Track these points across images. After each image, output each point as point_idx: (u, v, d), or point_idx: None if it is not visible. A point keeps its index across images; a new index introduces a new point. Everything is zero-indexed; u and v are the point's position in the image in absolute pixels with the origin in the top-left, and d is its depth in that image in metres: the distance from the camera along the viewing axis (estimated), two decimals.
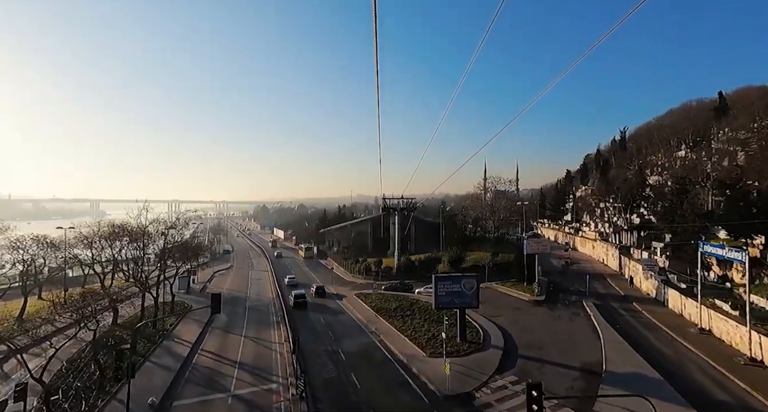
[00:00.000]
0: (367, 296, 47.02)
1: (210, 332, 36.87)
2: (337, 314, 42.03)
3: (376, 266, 61.21)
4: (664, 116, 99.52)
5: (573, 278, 51.40)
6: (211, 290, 58.89)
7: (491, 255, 58.76)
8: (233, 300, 51.11)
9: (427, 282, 53.45)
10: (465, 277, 30.64)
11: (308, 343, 32.92)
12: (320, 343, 32.59)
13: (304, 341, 33.37)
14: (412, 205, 61.11)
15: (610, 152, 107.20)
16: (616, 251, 53.92)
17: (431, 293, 46.87)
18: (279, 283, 62.75)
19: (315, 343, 32.74)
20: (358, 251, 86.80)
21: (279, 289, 57.23)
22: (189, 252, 46.18)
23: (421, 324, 34.78)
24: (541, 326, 32.99)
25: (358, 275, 62.99)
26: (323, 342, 32.74)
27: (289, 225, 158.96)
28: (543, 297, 40.98)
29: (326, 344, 32.30)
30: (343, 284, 58.65)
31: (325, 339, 33.50)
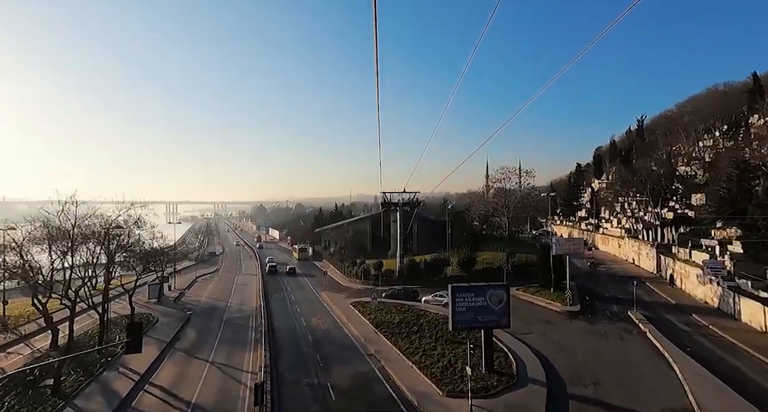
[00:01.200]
0: (365, 305, 39.94)
1: (170, 356, 29.70)
2: (328, 328, 34.96)
3: (376, 268, 54.10)
4: (687, 103, 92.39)
5: (604, 281, 44.34)
6: (188, 298, 51.91)
7: (507, 256, 51.65)
8: (210, 311, 44.04)
9: (435, 288, 46.36)
10: (491, 287, 23.49)
11: (290, 369, 25.88)
12: (304, 371, 25.51)
13: (286, 368, 26.35)
14: (415, 200, 54.03)
15: (627, 143, 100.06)
16: (651, 250, 46.82)
17: (441, 303, 40.03)
18: (266, 287, 55.72)
19: (298, 370, 25.67)
20: (356, 251, 79.94)
21: (265, 294, 50.24)
22: (150, 258, 39.01)
23: (432, 345, 27.67)
24: (586, 349, 25.88)
25: (356, 279, 55.90)
26: (308, 370, 25.65)
27: (286, 225, 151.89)
28: (578, 307, 33.88)
29: (312, 373, 25.21)
30: (339, 290, 51.58)
31: (310, 366, 26.40)
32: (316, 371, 25.54)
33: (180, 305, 46.61)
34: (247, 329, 36.40)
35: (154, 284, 47.66)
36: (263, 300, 46.41)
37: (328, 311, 41.19)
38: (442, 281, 49.01)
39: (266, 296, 50.00)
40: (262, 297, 47.75)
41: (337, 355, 28.39)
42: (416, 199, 54.14)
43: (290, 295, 51.38)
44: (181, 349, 31.17)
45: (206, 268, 78.06)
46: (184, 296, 52.35)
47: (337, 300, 45.80)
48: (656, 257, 45.16)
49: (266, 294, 51.57)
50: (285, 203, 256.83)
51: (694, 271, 35.65)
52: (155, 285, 47.53)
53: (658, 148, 79.83)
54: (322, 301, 46.63)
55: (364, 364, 26.21)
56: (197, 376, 25.39)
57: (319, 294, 50.31)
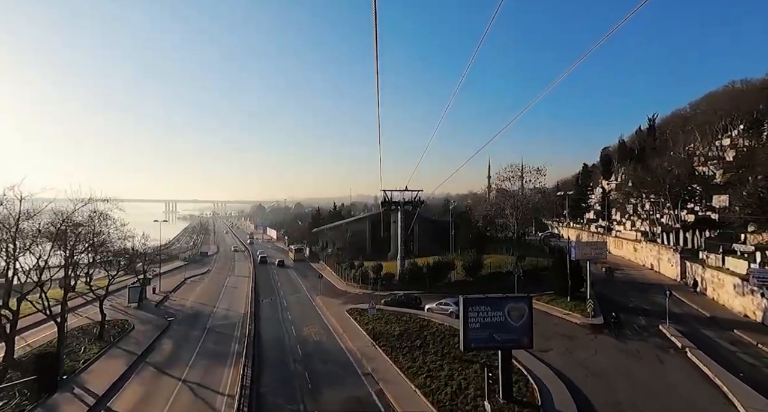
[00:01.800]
0: (362, 313, 36.25)
1: (138, 372, 26.01)
2: (320, 340, 31.28)
3: (375, 272, 50.34)
4: (701, 101, 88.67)
5: (624, 289, 40.60)
6: (173, 301, 48.25)
7: (516, 259, 47.96)
8: (193, 317, 40.38)
9: (439, 294, 42.62)
10: (510, 299, 19.77)
11: (273, 392, 22.24)
12: (290, 394, 21.86)
13: (269, 389, 22.71)
14: (417, 199, 50.34)
15: (637, 143, 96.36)
16: (674, 255, 43.08)
17: (446, 311, 36.32)
18: (257, 290, 52.05)
19: (282, 393, 22.02)
20: (354, 252, 76.26)
21: (255, 298, 46.57)
22: (122, 259, 35.43)
23: (438, 364, 24.00)
24: (619, 372, 22.13)
25: (353, 282, 52.20)
26: (294, 394, 21.98)
27: (284, 225, 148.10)
28: (601, 320, 30.12)
29: (298, 397, 21.54)
30: (334, 295, 47.90)
31: (298, 387, 22.74)
32: (303, 394, 21.86)
33: (162, 310, 42.95)
34: (231, 339, 32.72)
35: (135, 287, 44.00)
36: (252, 305, 42.78)
37: (322, 319, 37.50)
38: (446, 287, 45.43)
39: (256, 301, 46.40)
40: (251, 302, 44.08)
41: (329, 373, 24.72)
42: (418, 198, 50.47)
43: (282, 300, 47.71)
44: (152, 363, 27.47)
45: (197, 269, 74.49)
46: (168, 300, 48.68)
47: (332, 306, 42.13)
48: (680, 263, 41.43)
49: (257, 298, 47.98)
50: (284, 203, 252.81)
51: (730, 279, 31.92)
52: (136, 288, 43.85)
53: (672, 147, 76.18)
54: (316, 307, 42.97)
55: (359, 386, 22.53)
56: (163, 401, 21.69)
57: (313, 299, 46.65)
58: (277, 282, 59.87)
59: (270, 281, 60.88)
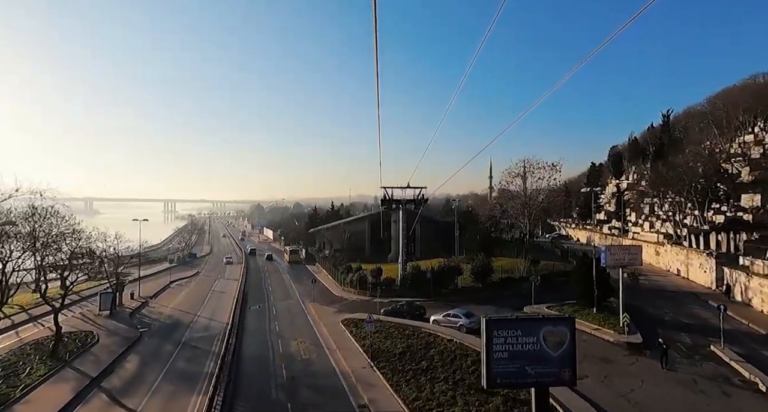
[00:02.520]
0: (359, 325, 31.87)
1: (87, 401, 21.56)
2: (310, 359, 26.88)
3: (374, 276, 45.92)
4: (717, 97, 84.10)
5: (653, 298, 36.13)
6: (151, 309, 43.89)
7: (530, 263, 43.56)
8: (170, 328, 36.02)
9: (445, 303, 38.16)
10: (547, 321, 15.37)
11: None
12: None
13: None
14: (420, 197, 45.93)
15: (650, 140, 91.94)
16: (708, 260, 38.67)
17: (455, 325, 31.75)
18: (246, 296, 47.68)
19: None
20: (353, 254, 71.96)
21: (242, 305, 42.19)
22: (82, 261, 31.16)
23: (449, 395, 19.56)
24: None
25: (350, 288, 47.76)
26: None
27: (281, 224, 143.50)
28: (638, 337, 25.68)
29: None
30: (329, 302, 43.52)
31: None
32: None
33: (137, 319, 38.59)
34: (208, 355, 28.28)
35: (107, 293, 39.60)
36: (237, 314, 38.41)
37: (314, 331, 33.11)
38: (452, 294, 41.08)
39: (243, 309, 42.03)
40: (234, 310, 39.66)
41: (317, 405, 20.35)
42: (422, 196, 46.06)
43: (272, 307, 43.36)
44: (108, 389, 23.03)
45: (185, 271, 70.12)
46: (147, 307, 44.35)
47: (326, 315, 37.75)
48: (716, 269, 37.02)
49: (244, 305, 43.60)
50: (282, 202, 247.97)
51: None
52: (108, 294, 39.45)
53: (690, 144, 71.71)
54: (308, 315, 38.61)
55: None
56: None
57: (305, 306, 42.29)
58: (268, 286, 55.51)
59: (261, 286, 56.58)
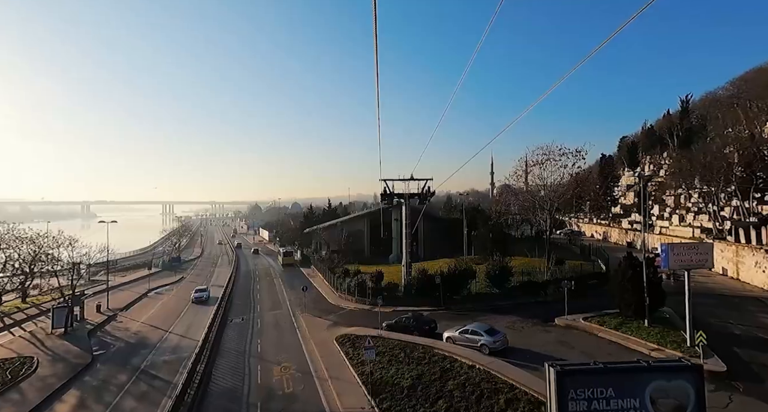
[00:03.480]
0: (356, 344, 26.18)
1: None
2: (294, 393, 21.13)
3: (374, 281, 40.11)
4: (740, 80, 78.31)
5: (707, 304, 30.22)
6: (118, 324, 38.15)
7: (552, 264, 37.75)
8: (132, 349, 30.28)
9: (458, 313, 32.32)
10: (654, 371, 9.54)
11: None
12: None
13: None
14: (426, 190, 40.10)
15: (667, 127, 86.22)
16: (767, 257, 32.92)
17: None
18: (229, 306, 41.92)
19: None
20: (351, 255, 66.35)
21: (223, 318, 36.40)
22: None
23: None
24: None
25: (348, 295, 42.04)
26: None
27: (278, 225, 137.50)
28: (719, 363, 19.77)
29: None
30: (323, 311, 37.80)
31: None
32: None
33: (96, 339, 32.85)
34: (167, 388, 22.57)
35: (60, 308, 33.72)
36: (215, 330, 32.64)
37: (302, 352, 27.38)
38: (466, 301, 35.34)
39: (224, 322, 36.29)
40: (216, 324, 33.87)
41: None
42: (428, 189, 40.22)
43: (257, 319, 37.62)
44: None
45: (168, 277, 64.35)
46: (113, 321, 38.61)
47: (318, 330, 32.02)
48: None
49: (225, 317, 37.87)
50: (279, 202, 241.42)
51: None
52: (61, 309, 33.55)
53: (719, 129, 66.00)
54: (297, 330, 32.85)
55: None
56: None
57: (296, 318, 36.58)
58: (257, 294, 49.72)
59: (249, 292, 50.78)
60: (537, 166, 43.18)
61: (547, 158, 41.67)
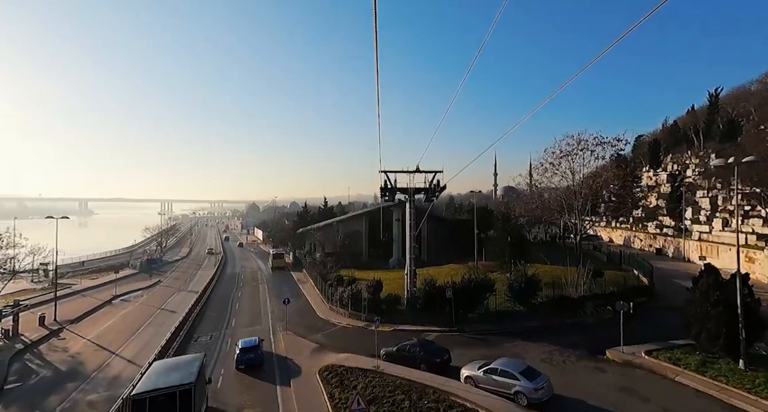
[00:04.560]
0: (345, 380, 19.58)
1: None
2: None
3: (372, 292, 33.40)
4: None
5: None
6: (58, 342, 31.51)
7: (590, 275, 30.92)
8: (58, 379, 23.62)
9: (477, 338, 25.52)
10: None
11: None
12: None
13: None
14: (435, 184, 33.31)
15: (691, 125, 79.57)
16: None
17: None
18: (199, 318, 35.30)
19: None
20: (348, 258, 59.85)
21: (187, 336, 29.76)
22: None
23: None
24: None
25: (340, 308, 35.37)
26: None
27: (273, 224, 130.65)
28: None
29: None
30: (309, 329, 31.13)
31: None
32: None
33: (20, 364, 26.26)
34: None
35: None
36: (172, 354, 26.00)
37: (275, 394, 20.69)
38: (482, 321, 28.68)
39: (187, 341, 29.67)
40: (173, 346, 27.24)
41: None
42: (437, 183, 33.47)
43: (227, 338, 30.93)
44: None
45: (142, 281, 57.76)
46: (55, 337, 31.98)
47: (300, 355, 25.35)
48: None
49: (190, 335, 31.24)
50: (277, 202, 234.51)
51: None
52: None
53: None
54: (273, 356, 26.17)
55: None
56: None
57: (275, 337, 29.93)
58: (236, 304, 43.03)
59: (227, 302, 44.04)
60: (565, 158, 36.53)
61: (581, 148, 34.99)
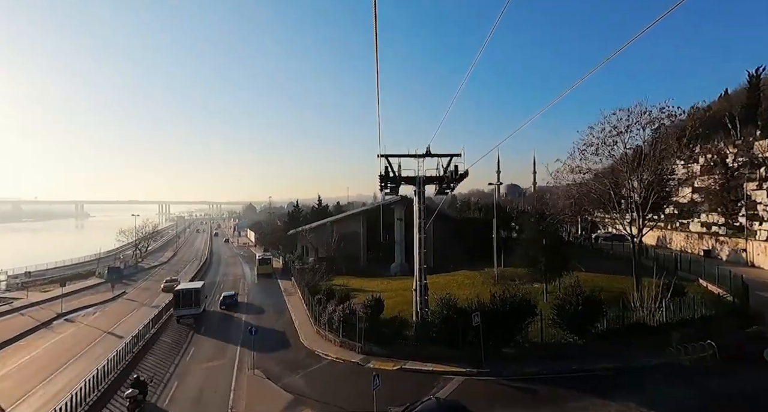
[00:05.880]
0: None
1: None
2: None
3: (370, 313, 25.00)
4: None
5: None
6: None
7: (666, 291, 22.58)
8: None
9: (521, 391, 17.83)
10: None
11: None
12: None
13: None
14: (454, 170, 24.92)
15: (726, 110, 71.25)
16: None
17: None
18: (147, 351, 27.16)
19: None
20: (345, 263, 52.23)
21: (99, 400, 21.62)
22: None
23: None
24: None
25: (330, 332, 27.19)
26: None
27: (265, 225, 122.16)
28: None
29: None
30: (286, 364, 22.96)
31: None
32: None
33: None
34: None
35: None
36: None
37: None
38: (524, 357, 20.49)
39: (114, 388, 21.49)
40: (90, 398, 19.06)
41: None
42: (455, 170, 25.23)
43: (174, 380, 22.76)
44: None
45: (104, 293, 49.65)
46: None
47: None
48: None
49: (122, 378, 23.03)
50: (272, 202, 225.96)
51: None
52: None
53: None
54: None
55: None
56: None
57: (237, 382, 21.75)
58: (203, 324, 34.79)
59: (192, 322, 35.59)
60: (620, 136, 28.46)
61: (646, 122, 26.92)
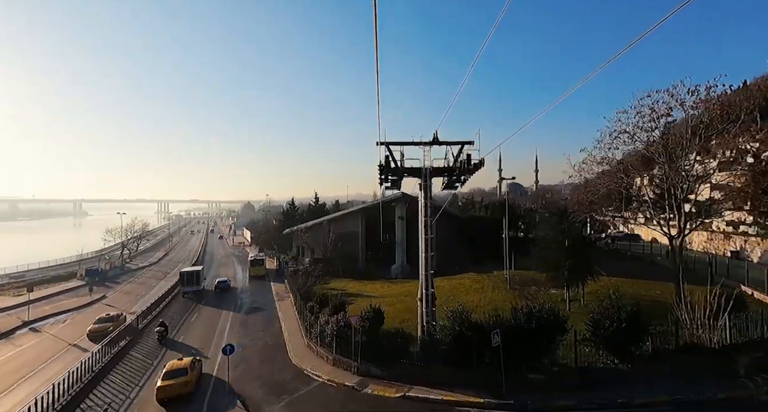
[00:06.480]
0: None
1: None
2: None
3: (368, 326, 21.30)
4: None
5: None
6: None
7: (729, 304, 18.90)
8: None
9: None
10: None
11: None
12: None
13: None
14: (466, 160, 21.26)
15: (745, 102, 67.28)
16: None
17: None
18: (107, 371, 23.50)
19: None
20: (342, 264, 48.97)
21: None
22: None
23: None
24: None
25: (322, 347, 23.51)
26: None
27: (261, 224, 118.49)
28: None
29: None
30: (270, 388, 19.26)
31: None
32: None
33: None
34: None
35: None
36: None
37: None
38: (554, 386, 16.74)
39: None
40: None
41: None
42: (467, 159, 21.50)
43: (133, 408, 19.10)
44: None
45: (82, 297, 46.03)
46: None
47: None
48: None
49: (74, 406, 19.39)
50: (269, 200, 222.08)
51: None
52: None
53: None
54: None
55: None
56: None
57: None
58: (181, 334, 31.11)
59: (170, 330, 31.89)
60: (664, 118, 24.83)
61: (672, 100, 23.27)
